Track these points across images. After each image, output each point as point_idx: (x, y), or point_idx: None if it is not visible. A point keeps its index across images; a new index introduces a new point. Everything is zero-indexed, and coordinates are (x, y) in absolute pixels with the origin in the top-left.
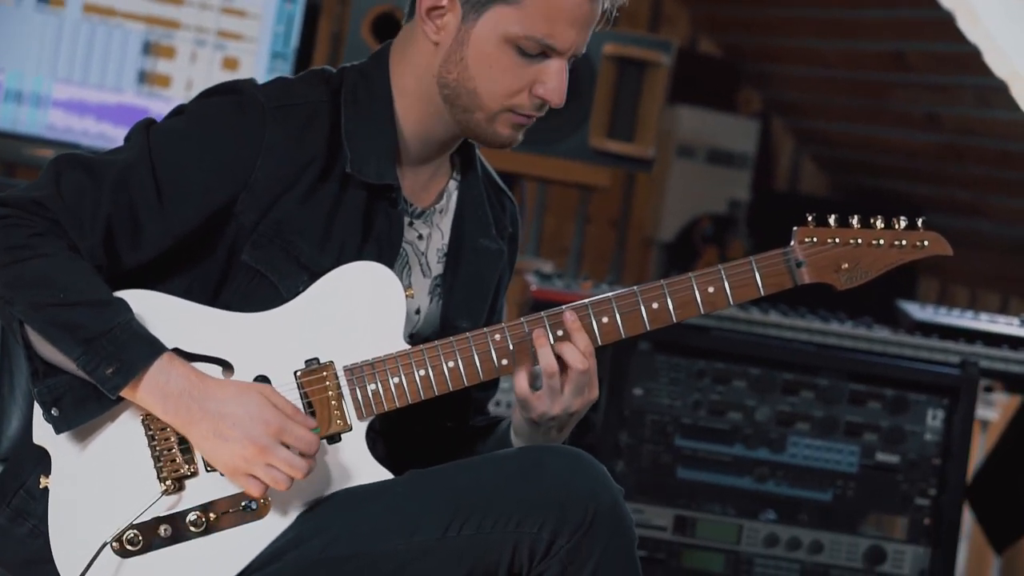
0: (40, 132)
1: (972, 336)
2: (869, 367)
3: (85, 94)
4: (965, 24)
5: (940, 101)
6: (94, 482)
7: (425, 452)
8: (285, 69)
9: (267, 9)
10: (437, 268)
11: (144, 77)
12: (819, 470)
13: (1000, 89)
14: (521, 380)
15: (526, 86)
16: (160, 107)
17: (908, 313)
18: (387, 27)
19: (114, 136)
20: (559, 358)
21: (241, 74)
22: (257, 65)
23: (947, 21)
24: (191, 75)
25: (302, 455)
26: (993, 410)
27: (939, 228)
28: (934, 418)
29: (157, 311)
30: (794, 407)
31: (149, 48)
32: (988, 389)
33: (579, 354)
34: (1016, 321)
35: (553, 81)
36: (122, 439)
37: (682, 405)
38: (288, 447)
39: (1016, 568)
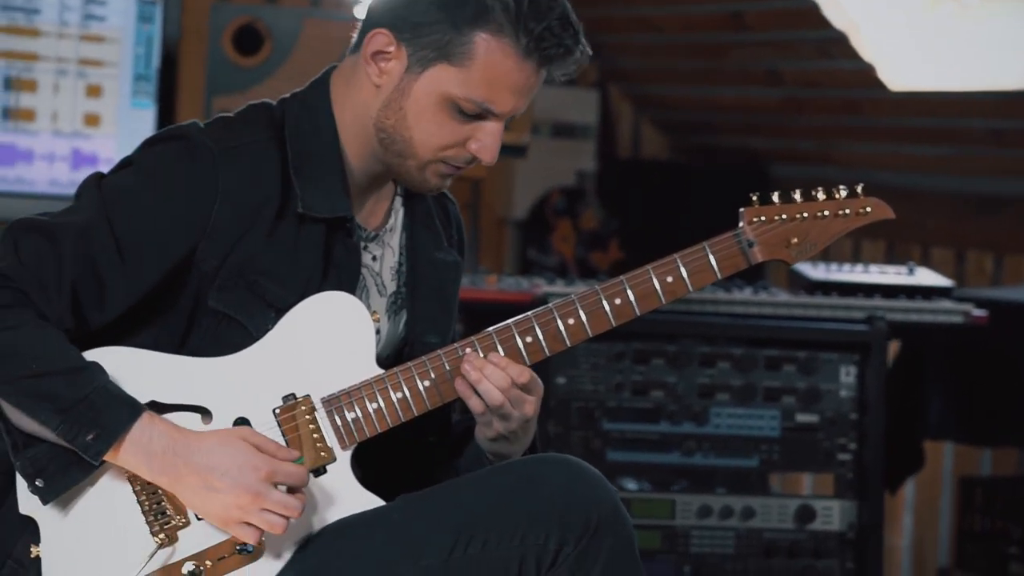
0: None
1: (870, 290)
2: (780, 332)
3: None
4: None
5: (781, 56)
6: (87, 545)
7: (405, 471)
8: (149, 91)
9: (125, 33)
10: (391, 286)
11: (8, 113)
12: (743, 437)
13: (840, 40)
14: (476, 402)
15: (461, 141)
16: (28, 143)
17: (802, 273)
18: (249, 39)
19: None
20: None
21: (106, 99)
22: (121, 90)
23: None
24: (56, 106)
25: (292, 490)
26: None
27: (784, 178)
28: (847, 375)
29: (129, 367)
30: (713, 379)
31: (10, 83)
32: None
33: (496, 392)
34: (904, 270)
35: (488, 141)
36: (110, 498)
37: (605, 389)
38: (278, 487)
39: (896, 504)
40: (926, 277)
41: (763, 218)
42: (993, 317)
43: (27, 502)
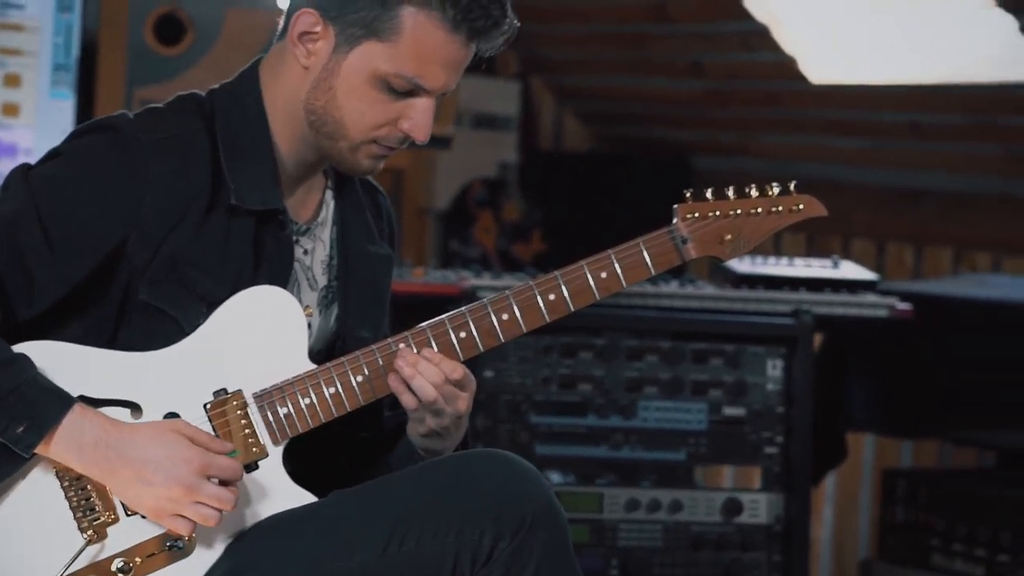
0: None
1: (795, 283)
2: (707, 325)
3: None
4: None
5: (702, 48)
6: (13, 541)
7: (336, 467)
8: (69, 81)
9: (44, 21)
10: (322, 280)
11: None
12: (671, 431)
13: (762, 33)
14: (409, 398)
15: (392, 120)
16: None
17: (728, 267)
18: (171, 29)
19: None
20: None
21: (25, 89)
22: (40, 79)
23: None
24: None
25: (226, 483)
26: None
27: (707, 170)
28: (774, 368)
29: (57, 361)
30: (640, 372)
31: None
32: None
33: (430, 388)
34: (829, 263)
35: (419, 118)
36: (37, 494)
37: (533, 382)
38: (212, 479)
39: (817, 496)
40: (850, 270)
41: (696, 214)
42: (915, 310)
43: None
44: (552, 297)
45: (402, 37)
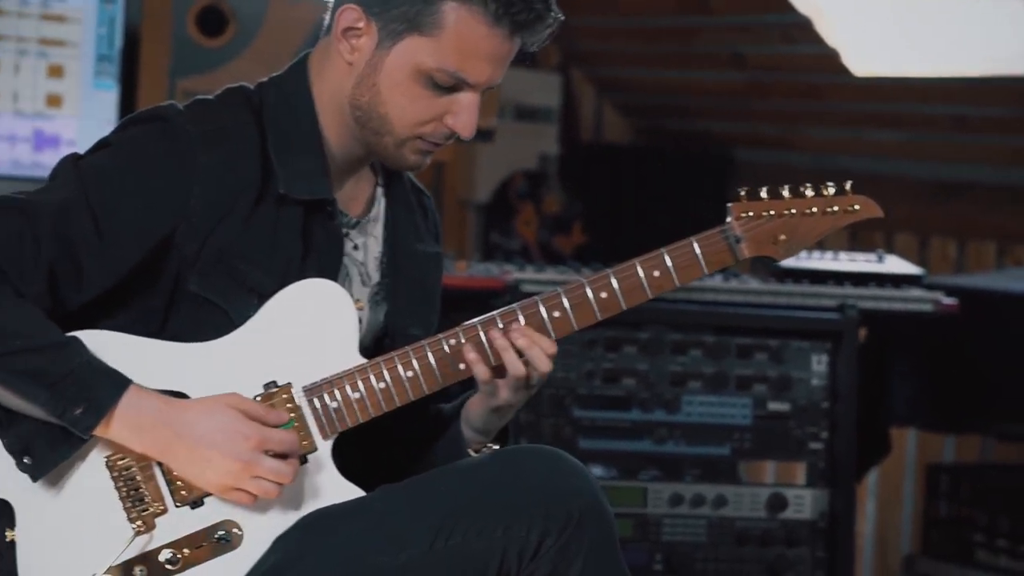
0: None
1: (840, 278)
2: (752, 320)
3: None
4: None
5: (745, 41)
6: (63, 530)
7: (381, 459)
8: (112, 72)
9: (87, 12)
10: (375, 276)
11: None
12: (715, 425)
13: (805, 25)
14: (483, 370)
15: (437, 116)
16: None
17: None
18: (213, 20)
19: None
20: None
21: (68, 80)
22: (83, 70)
23: None
24: (16, 87)
25: (284, 456)
26: None
27: (747, 163)
28: (819, 363)
29: (107, 349)
30: (685, 367)
31: None
32: None
33: (545, 358)
34: (873, 257)
35: (464, 114)
36: (87, 483)
37: (576, 376)
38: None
39: (859, 491)
40: (895, 265)
41: (751, 213)
42: (960, 304)
43: (4, 483)
44: (604, 295)
45: (444, 32)
